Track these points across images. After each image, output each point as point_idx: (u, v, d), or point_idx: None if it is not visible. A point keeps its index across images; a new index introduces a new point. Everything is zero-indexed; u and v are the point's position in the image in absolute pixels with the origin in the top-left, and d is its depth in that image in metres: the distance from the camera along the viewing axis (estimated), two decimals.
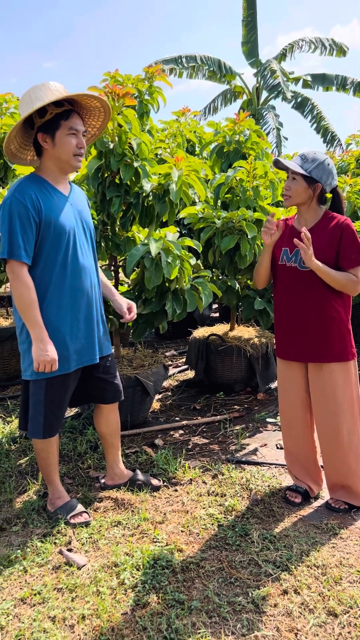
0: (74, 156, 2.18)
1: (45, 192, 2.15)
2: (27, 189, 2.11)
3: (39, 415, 2.22)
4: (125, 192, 3.01)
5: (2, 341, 4.21)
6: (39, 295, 2.14)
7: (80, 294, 2.22)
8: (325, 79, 13.86)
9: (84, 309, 2.25)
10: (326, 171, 2.26)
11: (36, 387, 2.21)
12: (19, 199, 2.08)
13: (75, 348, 2.24)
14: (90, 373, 2.38)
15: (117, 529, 2.26)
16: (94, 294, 2.31)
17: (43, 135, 2.15)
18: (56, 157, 2.17)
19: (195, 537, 2.19)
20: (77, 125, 2.17)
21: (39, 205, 2.11)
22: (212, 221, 3.53)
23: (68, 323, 2.20)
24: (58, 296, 2.17)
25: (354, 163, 6.45)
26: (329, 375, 2.29)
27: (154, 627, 1.71)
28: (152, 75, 3.99)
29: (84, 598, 1.85)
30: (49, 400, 2.21)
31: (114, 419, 2.53)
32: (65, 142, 2.15)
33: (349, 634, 1.68)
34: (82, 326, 2.25)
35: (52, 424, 2.25)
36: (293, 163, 2.25)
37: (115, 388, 2.46)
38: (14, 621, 1.76)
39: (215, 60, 14.00)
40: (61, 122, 2.14)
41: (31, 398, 2.24)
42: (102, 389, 2.43)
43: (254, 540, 2.15)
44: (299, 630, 1.70)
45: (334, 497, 2.43)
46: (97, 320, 2.33)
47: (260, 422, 3.49)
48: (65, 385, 2.25)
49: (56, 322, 2.17)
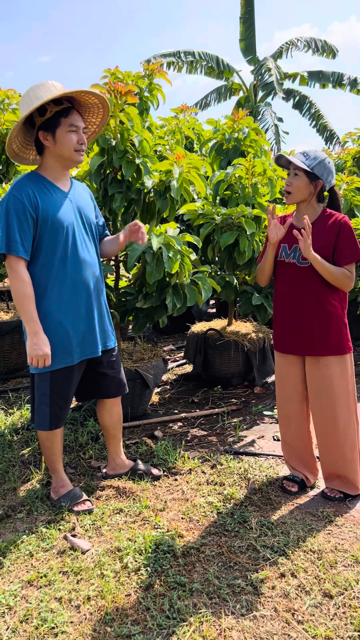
0: (75, 152, 2.23)
1: (43, 189, 2.20)
2: (25, 186, 2.17)
3: (44, 407, 2.28)
4: (127, 188, 3.06)
5: (3, 335, 4.27)
6: (40, 290, 2.20)
7: (81, 288, 2.28)
8: (322, 75, 13.94)
9: (84, 301, 2.30)
10: (327, 169, 2.32)
11: (41, 380, 2.27)
12: (16, 196, 2.14)
13: (78, 341, 2.30)
14: (95, 368, 2.44)
15: (119, 516, 2.33)
16: (96, 287, 2.37)
17: (44, 133, 2.20)
18: (58, 154, 2.23)
19: (195, 524, 2.26)
20: (77, 121, 2.22)
21: (36, 201, 2.16)
22: (211, 217, 3.59)
23: (70, 316, 2.26)
24: (59, 290, 2.23)
25: (351, 161, 6.51)
26: (326, 368, 2.36)
27: (157, 608, 1.78)
28: (152, 72, 4.03)
29: (89, 580, 1.92)
30: (54, 393, 2.27)
31: (117, 411, 2.59)
32: (66, 139, 2.20)
33: (344, 614, 1.75)
34: (83, 319, 2.31)
35: (57, 415, 2.32)
36: (296, 159, 2.31)
37: (119, 382, 2.53)
38: (22, 602, 1.83)
39: (213, 57, 14.04)
40: (61, 120, 2.19)
41: (37, 391, 2.30)
42: (106, 383, 2.49)
43: (252, 526, 2.23)
44: (296, 611, 1.77)
45: (330, 486, 2.50)
46: (99, 313, 2.39)
47: (257, 415, 3.56)
48: (69, 377, 2.31)
49: (58, 315, 2.23)
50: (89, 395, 2.54)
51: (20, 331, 4.38)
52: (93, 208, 2.46)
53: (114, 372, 2.50)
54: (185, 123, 5.54)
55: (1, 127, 3.96)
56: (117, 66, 3.63)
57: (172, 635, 1.67)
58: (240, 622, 1.73)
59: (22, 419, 3.33)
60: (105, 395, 2.52)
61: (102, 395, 2.53)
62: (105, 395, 2.53)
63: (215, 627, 1.70)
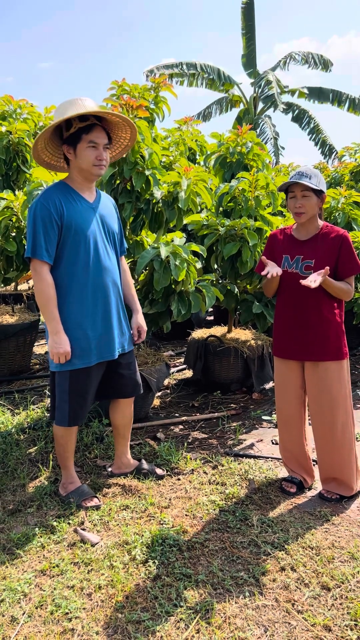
0: (94, 166, 2.35)
1: (69, 199, 2.33)
2: (52, 195, 2.30)
3: (64, 404, 2.40)
4: (137, 198, 3.19)
5: (8, 337, 4.36)
6: (62, 293, 2.32)
7: (101, 293, 2.40)
8: (322, 93, 14.21)
9: (102, 306, 2.42)
10: (323, 182, 2.47)
11: (61, 378, 2.39)
12: (43, 204, 2.27)
13: (96, 343, 2.41)
14: (114, 369, 2.56)
15: (125, 512, 2.43)
16: (115, 292, 2.49)
17: (67, 147, 2.34)
18: (78, 167, 2.35)
19: (198, 521, 2.36)
20: (98, 138, 2.33)
21: (62, 210, 2.29)
22: (215, 228, 3.72)
23: (89, 319, 2.38)
24: (80, 294, 2.34)
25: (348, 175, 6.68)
26: (325, 373, 2.48)
27: (165, 596, 1.89)
28: (158, 85, 4.17)
29: (99, 571, 2.02)
30: (73, 390, 2.39)
31: (129, 411, 2.71)
32: (85, 154, 2.32)
33: (341, 605, 1.86)
34: (102, 323, 2.43)
35: (76, 412, 2.43)
36: (307, 180, 2.41)
37: (135, 383, 2.65)
38: (36, 589, 1.93)
39: (214, 69, 14.27)
40: (82, 136, 2.31)
41: (57, 388, 2.42)
42: (124, 383, 2.61)
43: (253, 524, 2.33)
44: (296, 601, 1.88)
45: (327, 488, 2.61)
46: (116, 317, 2.51)
47: (256, 420, 3.68)
48: (87, 377, 2.43)
49: (78, 317, 2.35)
50: (106, 395, 2.65)
51: (24, 334, 4.48)
52: (116, 219, 2.59)
53: (131, 373, 2.62)
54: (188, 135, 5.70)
55: (13, 135, 4.08)
56: (124, 78, 3.76)
57: (180, 622, 1.77)
58: (244, 610, 1.83)
59: (28, 418, 3.42)
60: (121, 395, 2.64)
61: (118, 395, 2.64)
62: (122, 395, 2.64)
63: (220, 615, 1.80)
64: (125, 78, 3.78)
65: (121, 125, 2.50)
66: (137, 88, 4.09)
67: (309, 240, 2.52)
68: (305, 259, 2.48)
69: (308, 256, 2.48)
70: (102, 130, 2.35)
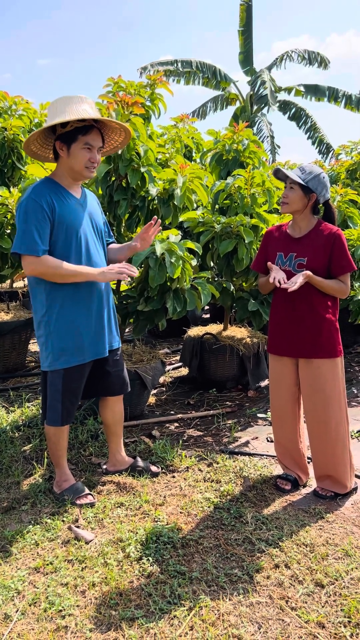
0: (85, 168, 2.33)
1: (59, 195, 2.31)
2: (43, 190, 2.28)
3: (57, 403, 2.38)
4: (132, 195, 3.18)
5: (3, 335, 4.35)
6: (56, 290, 2.30)
7: (94, 290, 2.39)
8: (318, 90, 14.21)
9: (96, 303, 2.41)
10: (321, 183, 2.46)
11: (54, 376, 2.37)
12: (34, 199, 2.24)
13: (90, 340, 2.40)
14: (101, 367, 2.55)
15: (120, 509, 2.43)
16: (106, 289, 2.48)
17: (60, 144, 2.31)
18: (69, 166, 2.33)
19: (193, 518, 2.36)
20: (93, 141, 2.31)
21: (53, 206, 2.27)
22: (211, 225, 3.71)
23: (83, 317, 2.37)
24: (74, 291, 2.33)
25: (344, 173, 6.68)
26: (319, 370, 2.48)
27: (159, 594, 1.88)
28: (154, 82, 4.15)
29: (93, 568, 2.01)
30: (66, 389, 2.38)
31: (119, 409, 2.70)
32: (78, 155, 2.30)
33: (334, 602, 1.87)
34: (94, 320, 2.42)
35: (69, 411, 2.42)
36: (292, 173, 2.45)
37: (122, 381, 2.64)
38: (30, 587, 1.92)
39: (210, 67, 14.26)
40: (79, 136, 2.29)
41: (49, 388, 2.40)
42: (111, 381, 2.60)
43: (247, 521, 2.33)
44: (290, 598, 1.88)
45: (321, 485, 2.62)
46: (107, 314, 2.50)
47: (251, 417, 3.68)
48: (81, 375, 2.42)
49: (73, 316, 2.34)
50: (94, 393, 2.64)
51: (19, 331, 4.46)
52: (101, 214, 2.58)
53: (118, 370, 2.61)
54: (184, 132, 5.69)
55: (8, 132, 4.06)
56: (120, 75, 3.75)
57: (174, 619, 1.77)
58: (238, 607, 1.83)
59: (23, 416, 3.41)
60: (109, 392, 2.63)
61: (106, 393, 2.63)
62: (110, 393, 2.63)
63: (214, 612, 1.80)
64: (121, 75, 3.77)
65: (117, 130, 2.49)
66: (132, 85, 4.08)
67: (303, 237, 2.52)
68: (298, 257, 2.49)
69: (301, 254, 2.49)
70: (98, 133, 2.34)
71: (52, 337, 2.34)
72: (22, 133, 4.16)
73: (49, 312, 2.33)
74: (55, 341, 2.34)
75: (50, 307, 2.31)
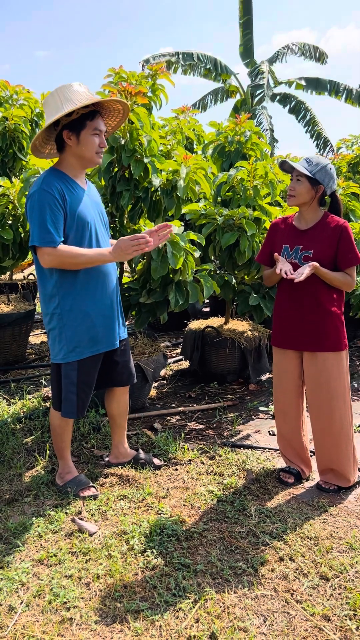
0: (96, 154, 2.31)
1: (68, 186, 2.28)
2: (53, 181, 2.24)
3: (72, 395, 2.36)
4: (135, 186, 3.15)
5: (3, 327, 4.32)
6: (70, 283, 2.27)
7: (107, 281, 2.38)
8: (319, 83, 14.14)
9: (109, 294, 2.40)
10: (328, 175, 2.44)
11: (68, 369, 2.35)
12: (46, 190, 2.20)
13: (103, 332, 2.39)
14: (110, 357, 2.53)
15: (123, 502, 2.42)
16: (115, 279, 2.47)
17: (68, 132, 2.27)
18: (79, 154, 2.30)
19: (196, 511, 2.35)
20: (100, 125, 2.30)
21: (64, 196, 2.24)
22: (213, 218, 3.69)
23: (97, 308, 2.35)
24: (87, 283, 2.31)
25: (346, 167, 6.65)
26: (324, 364, 2.47)
27: (163, 586, 1.88)
28: (156, 73, 4.11)
29: (97, 560, 2.01)
30: (81, 381, 2.36)
31: (124, 400, 2.69)
32: (89, 141, 2.28)
33: (339, 595, 1.86)
34: (108, 311, 2.40)
35: (84, 403, 2.41)
36: (299, 165, 2.43)
37: (129, 371, 2.62)
38: (34, 579, 1.91)
39: (211, 59, 14.15)
40: (87, 123, 2.26)
41: (64, 380, 2.37)
42: (119, 372, 2.58)
43: (251, 514, 2.33)
44: (295, 591, 1.88)
45: (324, 479, 2.61)
46: (117, 304, 2.49)
47: (252, 411, 3.67)
48: (95, 366, 2.41)
49: (87, 307, 2.31)
50: (102, 384, 2.62)
51: (19, 323, 4.44)
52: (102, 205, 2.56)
53: (126, 360, 2.60)
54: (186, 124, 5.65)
55: (9, 122, 4.02)
56: (122, 66, 3.71)
57: (179, 611, 1.76)
58: (243, 600, 1.83)
59: (25, 408, 3.40)
60: (116, 383, 2.61)
61: (113, 384, 2.62)
62: (117, 384, 2.61)
63: (219, 605, 1.80)
64: (122, 66, 3.73)
65: (114, 113, 2.46)
66: (134, 75, 4.04)
67: (309, 230, 2.50)
68: (305, 249, 2.47)
69: (307, 246, 2.47)
70: (101, 117, 2.32)
71: (65, 329, 2.31)
72: (23, 123, 4.12)
73: (62, 304, 2.29)
74: (69, 333, 2.31)
75: (63, 299, 2.28)
